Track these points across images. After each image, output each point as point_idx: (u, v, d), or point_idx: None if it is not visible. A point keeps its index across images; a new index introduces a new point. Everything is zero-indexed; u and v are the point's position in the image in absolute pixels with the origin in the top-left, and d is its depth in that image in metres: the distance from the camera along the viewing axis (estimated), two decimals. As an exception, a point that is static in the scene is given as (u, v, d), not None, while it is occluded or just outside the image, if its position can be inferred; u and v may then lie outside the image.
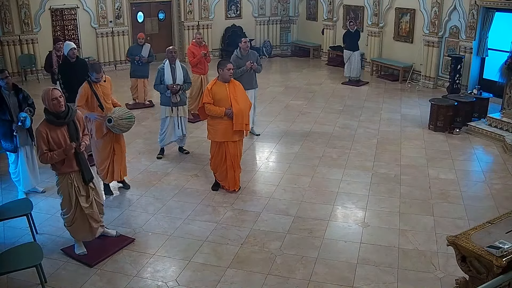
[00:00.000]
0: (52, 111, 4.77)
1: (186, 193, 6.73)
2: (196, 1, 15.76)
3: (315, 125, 9.60)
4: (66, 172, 4.92)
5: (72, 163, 4.90)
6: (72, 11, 13.89)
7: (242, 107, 6.34)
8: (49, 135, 4.75)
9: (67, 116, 4.83)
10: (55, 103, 4.73)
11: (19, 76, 13.12)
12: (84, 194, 5.06)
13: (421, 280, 4.85)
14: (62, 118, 4.81)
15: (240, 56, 8.40)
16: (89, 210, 5.11)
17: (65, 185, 4.96)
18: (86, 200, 5.08)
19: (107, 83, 6.40)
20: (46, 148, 4.75)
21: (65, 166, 4.88)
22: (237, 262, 5.14)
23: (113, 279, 4.88)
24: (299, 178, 7.16)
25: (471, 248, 3.80)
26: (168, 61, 7.60)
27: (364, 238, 5.58)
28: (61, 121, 4.81)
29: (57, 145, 4.79)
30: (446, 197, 6.60)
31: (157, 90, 7.72)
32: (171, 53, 7.61)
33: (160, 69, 7.57)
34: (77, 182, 4.99)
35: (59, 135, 4.80)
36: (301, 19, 17.62)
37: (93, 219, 5.18)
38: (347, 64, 12.98)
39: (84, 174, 4.99)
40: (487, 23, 11.00)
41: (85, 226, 5.16)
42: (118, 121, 6.09)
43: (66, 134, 4.85)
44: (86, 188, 5.08)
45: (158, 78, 7.58)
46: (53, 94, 4.75)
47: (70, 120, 4.87)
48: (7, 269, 4.44)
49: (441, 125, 9.15)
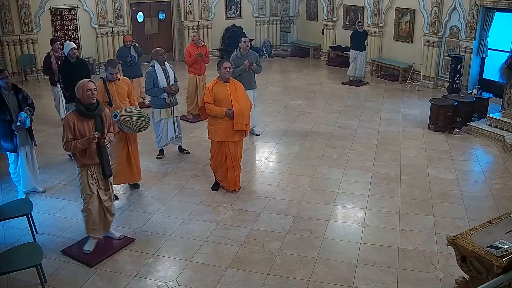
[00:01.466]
0: (83, 102, 4.91)
1: (186, 193, 6.73)
2: (196, 1, 15.76)
3: (315, 125, 9.60)
4: (86, 164, 5.03)
5: (94, 155, 5.02)
6: (72, 11, 13.88)
7: (242, 107, 6.34)
8: (76, 125, 4.90)
9: (96, 109, 4.99)
10: (88, 94, 4.89)
11: (19, 76, 13.12)
12: (103, 187, 5.21)
13: (421, 280, 4.85)
14: (92, 110, 4.97)
15: (240, 55, 8.38)
16: (108, 203, 5.30)
17: (84, 176, 5.08)
18: (105, 193, 5.24)
19: (123, 83, 6.38)
20: (71, 137, 4.89)
21: (86, 157, 5.01)
22: (237, 262, 5.14)
23: (113, 279, 4.89)
24: (299, 178, 7.16)
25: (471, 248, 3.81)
26: (158, 63, 7.45)
27: (364, 238, 5.58)
28: (90, 113, 4.96)
29: (82, 137, 4.93)
30: (446, 197, 6.60)
31: (150, 94, 7.55)
32: (161, 55, 7.46)
33: (151, 73, 7.37)
34: (97, 175, 5.13)
35: (85, 127, 4.95)
36: (301, 19, 17.61)
37: (110, 212, 5.36)
38: (352, 64, 12.92)
39: (105, 168, 5.13)
40: (487, 23, 11.00)
41: (100, 220, 5.28)
42: (124, 117, 5.99)
43: (93, 127, 4.99)
44: (105, 182, 5.22)
45: (150, 82, 7.39)
46: (89, 85, 4.92)
47: (98, 114, 5.03)
48: (7, 269, 4.44)
49: (441, 125, 9.15)
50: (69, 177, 7.14)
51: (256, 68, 8.38)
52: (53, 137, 8.70)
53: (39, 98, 11.08)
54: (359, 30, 12.77)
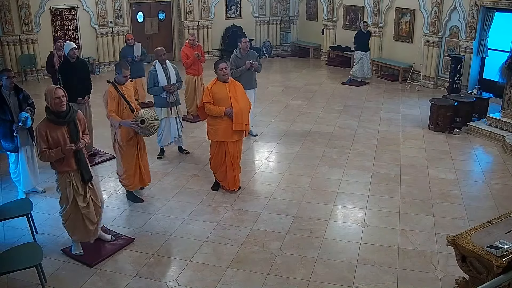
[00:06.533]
0: (53, 110, 4.79)
1: (186, 193, 6.73)
2: (196, 1, 15.76)
3: (315, 125, 9.60)
4: (64, 171, 4.93)
5: (71, 162, 4.90)
6: (72, 11, 13.88)
7: (242, 107, 6.34)
8: (49, 134, 4.77)
9: (67, 116, 4.84)
10: (57, 102, 4.74)
11: (19, 76, 13.08)
12: (82, 193, 5.05)
13: (421, 280, 4.85)
14: (63, 117, 4.82)
15: (240, 56, 8.38)
16: (86, 210, 5.08)
17: (63, 183, 4.98)
18: (83, 200, 5.07)
19: (129, 84, 6.25)
20: (45, 147, 4.77)
21: (63, 165, 4.90)
22: (237, 262, 5.14)
23: (113, 279, 4.89)
24: (299, 178, 7.16)
25: (471, 248, 3.80)
26: (159, 62, 7.54)
27: (364, 238, 5.58)
28: (61, 121, 4.82)
29: (56, 144, 4.79)
30: (446, 197, 6.60)
31: (151, 93, 7.65)
32: (161, 55, 7.54)
33: (152, 72, 7.48)
34: (76, 181, 4.99)
35: (59, 134, 4.81)
36: (301, 19, 17.61)
37: (89, 219, 5.13)
38: (359, 65, 12.77)
39: (83, 173, 5.00)
40: (487, 23, 10.99)
41: (80, 226, 5.14)
42: (150, 122, 5.92)
43: (67, 133, 4.86)
44: (84, 187, 5.07)
45: (151, 81, 7.50)
46: (56, 93, 4.76)
47: (71, 120, 4.88)
48: (7, 269, 4.45)
49: (441, 125, 9.15)
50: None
51: (257, 67, 8.40)
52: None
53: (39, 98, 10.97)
54: (363, 30, 12.73)
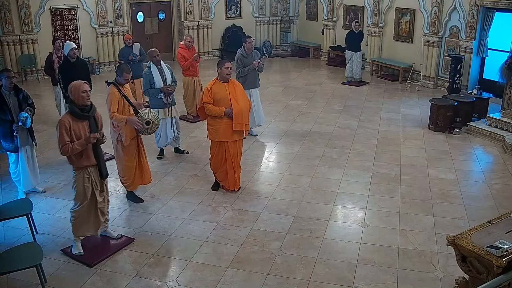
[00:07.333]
0: (78, 104, 4.90)
1: (186, 193, 6.73)
2: (196, 1, 15.76)
3: (315, 125, 9.60)
4: (83, 166, 5.02)
5: (91, 157, 5.02)
6: (72, 11, 13.88)
7: (242, 107, 6.34)
8: (72, 127, 4.87)
9: (90, 110, 4.99)
10: (83, 95, 4.88)
11: (19, 76, 13.09)
12: (99, 188, 5.20)
13: (421, 280, 4.85)
14: (87, 111, 4.96)
15: (246, 55, 8.43)
16: (102, 205, 5.29)
17: (81, 179, 5.05)
18: (100, 194, 5.23)
19: (128, 86, 6.25)
20: (68, 139, 4.85)
21: (83, 159, 4.99)
22: (237, 262, 5.14)
23: (113, 279, 4.89)
24: (299, 178, 7.16)
25: (471, 248, 3.80)
26: (153, 63, 7.51)
27: (364, 238, 5.58)
28: (84, 115, 4.95)
29: (77, 138, 4.90)
30: (446, 197, 6.60)
31: (148, 95, 7.62)
32: (155, 56, 7.51)
33: (147, 73, 7.46)
34: (94, 176, 5.12)
35: (80, 128, 4.93)
36: (301, 19, 17.61)
37: (103, 213, 5.34)
38: (348, 65, 12.91)
39: (102, 169, 5.14)
40: (487, 23, 10.99)
41: (89, 220, 5.25)
42: (155, 122, 6.02)
43: (87, 128, 4.97)
44: (102, 183, 5.22)
45: (147, 83, 7.47)
46: (84, 87, 4.90)
47: (92, 114, 5.03)
48: (7, 269, 4.45)
49: (441, 125, 9.15)
50: (69, 177, 7.07)
51: (261, 66, 8.45)
52: (53, 137, 8.59)
53: (39, 98, 11.07)
54: (354, 30, 12.78)
